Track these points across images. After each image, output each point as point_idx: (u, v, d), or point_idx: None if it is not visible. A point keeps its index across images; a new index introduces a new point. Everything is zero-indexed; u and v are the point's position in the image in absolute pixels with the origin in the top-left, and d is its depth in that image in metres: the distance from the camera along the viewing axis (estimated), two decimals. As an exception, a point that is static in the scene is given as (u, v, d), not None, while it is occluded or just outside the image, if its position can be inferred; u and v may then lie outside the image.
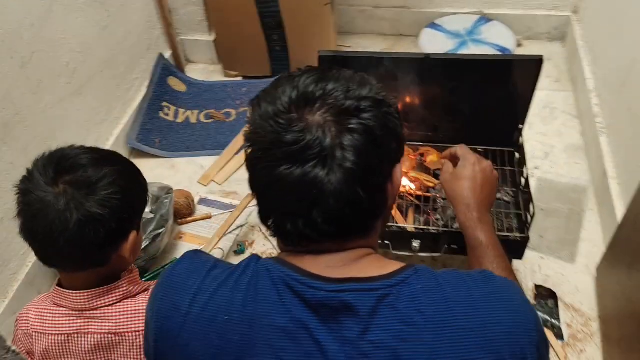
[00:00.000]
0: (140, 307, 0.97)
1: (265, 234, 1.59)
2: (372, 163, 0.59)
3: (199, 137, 1.92)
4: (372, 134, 0.59)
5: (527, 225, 1.20)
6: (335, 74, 0.63)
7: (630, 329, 1.16)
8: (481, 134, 1.39)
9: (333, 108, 0.59)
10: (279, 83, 0.63)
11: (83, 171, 0.87)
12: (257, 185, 0.63)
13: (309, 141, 0.57)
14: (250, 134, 0.63)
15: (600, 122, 1.68)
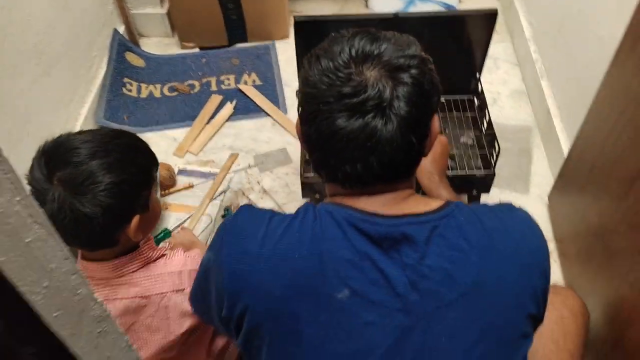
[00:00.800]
0: (161, 271, 1.03)
1: (249, 198, 1.68)
2: (421, 112, 0.68)
3: (166, 111, 1.94)
4: (421, 87, 0.68)
5: (494, 162, 1.35)
6: (386, 35, 0.71)
7: (583, 243, 1.35)
8: (443, 84, 1.52)
9: (388, 64, 0.67)
10: (335, 41, 0.70)
11: (74, 167, 0.87)
12: (316, 137, 0.69)
13: (369, 94, 0.65)
14: (308, 87, 0.69)
15: (540, 67, 1.86)
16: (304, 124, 0.72)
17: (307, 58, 0.72)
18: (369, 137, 0.65)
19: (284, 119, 1.89)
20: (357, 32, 0.70)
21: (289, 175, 1.74)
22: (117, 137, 0.95)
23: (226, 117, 1.91)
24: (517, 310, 0.71)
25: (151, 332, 1.03)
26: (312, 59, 0.70)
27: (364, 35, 0.69)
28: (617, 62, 1.12)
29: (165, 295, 1.02)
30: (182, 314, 1.03)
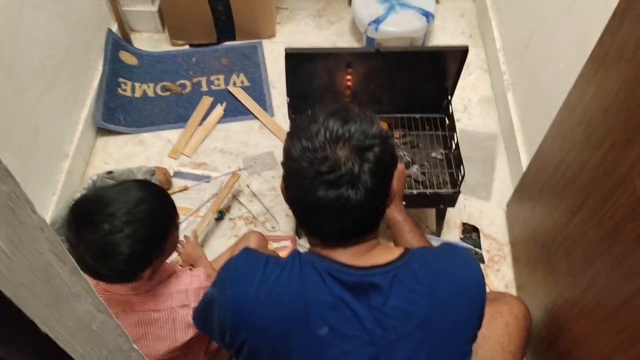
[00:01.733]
0: (171, 290, 1.20)
1: (240, 201, 1.84)
2: (382, 182, 0.86)
3: (160, 111, 2.06)
4: (382, 161, 0.85)
5: (459, 182, 1.54)
6: (354, 116, 0.86)
7: (532, 251, 1.56)
8: (418, 103, 1.69)
9: (356, 145, 0.83)
10: (313, 121, 0.86)
11: (98, 238, 0.98)
12: (300, 204, 0.88)
13: (342, 171, 0.81)
14: (291, 162, 0.85)
15: (507, 80, 2.03)
16: (288, 190, 0.89)
17: (289, 135, 0.89)
18: (343, 205, 0.82)
19: (271, 122, 2.04)
20: (330, 114, 0.85)
21: (275, 178, 1.90)
22: (143, 202, 1.04)
23: (217, 119, 2.04)
24: (459, 336, 0.92)
25: (160, 341, 1.21)
26: (294, 138, 0.85)
27: (336, 118, 0.84)
28: (577, 87, 1.28)
29: (173, 309, 1.19)
30: (187, 325, 1.22)
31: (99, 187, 1.08)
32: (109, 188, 1.05)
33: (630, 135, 1.01)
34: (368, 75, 1.59)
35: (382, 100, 1.69)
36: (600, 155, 1.13)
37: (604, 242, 1.10)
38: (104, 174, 1.72)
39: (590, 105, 1.20)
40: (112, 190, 1.04)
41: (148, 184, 1.12)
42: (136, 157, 1.95)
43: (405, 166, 1.66)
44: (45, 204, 1.64)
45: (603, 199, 1.11)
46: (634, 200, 0.99)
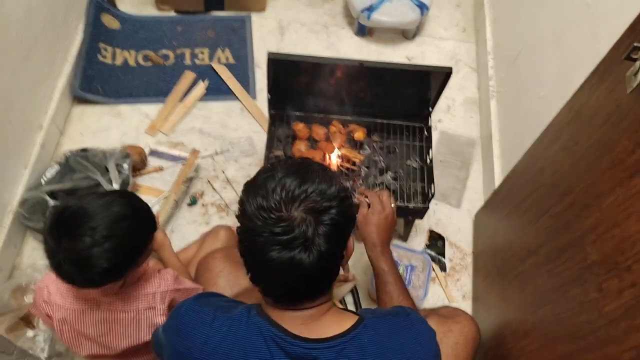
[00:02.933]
0: (139, 292, 1.23)
1: (214, 187, 1.85)
2: (337, 245, 0.84)
3: (140, 83, 2.02)
4: (338, 224, 0.82)
5: (429, 199, 1.56)
6: (312, 175, 0.83)
7: (492, 269, 1.62)
8: (399, 110, 1.69)
9: (312, 207, 0.81)
10: (270, 179, 0.83)
11: (81, 247, 0.99)
12: (252, 262, 0.85)
13: (296, 233, 0.79)
14: (245, 219, 0.83)
15: (493, 86, 2.02)
16: (242, 245, 0.85)
17: (246, 189, 0.85)
18: (296, 266, 0.80)
19: (253, 106, 2.01)
20: (288, 172, 0.83)
21: (251, 166, 1.90)
22: (124, 219, 1.05)
23: (198, 97, 2.01)
24: None
25: (124, 338, 1.25)
26: (250, 194, 0.83)
27: (294, 176, 0.82)
28: (551, 128, 1.29)
29: (139, 311, 1.23)
30: (151, 325, 1.26)
31: (83, 197, 1.06)
32: (93, 199, 1.04)
33: (590, 202, 1.04)
34: (351, 80, 1.57)
35: (364, 103, 1.67)
36: (562, 207, 1.16)
37: (552, 294, 1.15)
38: (78, 151, 1.70)
39: (561, 153, 1.22)
40: (96, 203, 1.03)
41: (131, 199, 1.12)
42: (112, 131, 1.93)
43: (380, 172, 1.68)
44: (16, 178, 1.63)
45: (558, 251, 1.15)
46: (583, 267, 1.03)
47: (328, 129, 1.67)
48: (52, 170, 1.67)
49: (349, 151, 1.64)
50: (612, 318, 0.92)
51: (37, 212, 1.55)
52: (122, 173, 1.63)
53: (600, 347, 0.95)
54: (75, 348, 1.29)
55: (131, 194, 1.14)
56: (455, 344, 1.35)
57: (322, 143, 1.64)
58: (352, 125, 1.68)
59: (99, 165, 1.62)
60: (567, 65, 1.42)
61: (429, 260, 1.71)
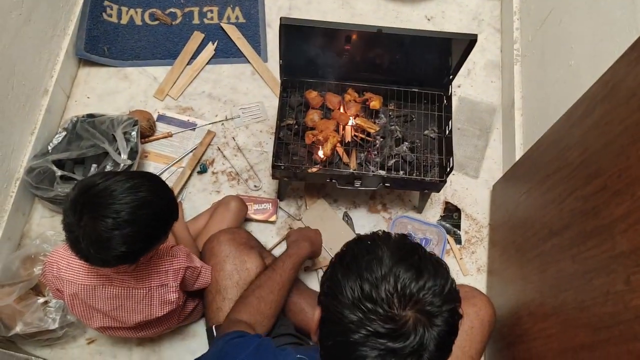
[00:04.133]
0: (152, 270, 1.21)
1: (224, 154, 1.80)
2: (448, 352, 0.70)
3: (147, 44, 1.94)
4: (451, 326, 0.69)
5: (447, 173, 1.50)
6: (425, 265, 0.70)
7: (510, 239, 1.56)
8: (417, 76, 1.60)
9: (427, 309, 0.67)
10: (375, 261, 0.68)
11: (103, 228, 0.97)
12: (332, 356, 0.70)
13: (410, 341, 0.64)
14: (337, 307, 0.67)
15: (517, 50, 1.91)
16: (324, 338, 0.71)
17: (339, 266, 0.71)
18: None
19: (264, 69, 1.93)
20: (399, 259, 0.69)
21: (263, 133, 1.84)
22: (149, 206, 1.02)
23: (207, 59, 1.93)
24: None
25: (135, 313, 1.25)
26: (350, 275, 0.68)
27: (407, 266, 0.68)
28: (583, 102, 1.20)
29: (152, 288, 1.22)
30: (163, 302, 1.25)
31: (110, 175, 1.02)
32: (120, 181, 1.00)
33: (622, 188, 0.97)
34: (367, 47, 1.48)
35: (381, 70, 1.59)
36: (591, 189, 1.10)
37: (575, 280, 1.10)
38: (84, 117, 1.65)
39: (592, 131, 1.14)
40: (123, 186, 1.00)
41: (158, 185, 1.07)
42: (120, 94, 1.86)
43: (396, 143, 1.61)
44: (22, 145, 1.59)
45: (584, 236, 1.09)
46: (610, 256, 0.98)
47: (342, 97, 1.60)
48: (59, 137, 1.62)
49: (364, 121, 1.57)
50: (638, 314, 0.88)
51: (44, 181, 1.52)
52: (131, 141, 1.59)
53: (624, 341, 0.91)
54: (86, 321, 1.29)
55: (158, 180, 1.10)
56: (470, 328, 1.32)
57: (336, 112, 1.57)
58: (368, 94, 1.61)
59: (107, 132, 1.57)
60: (602, 32, 1.32)
61: (444, 233, 1.67)
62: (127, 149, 1.55)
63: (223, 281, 1.29)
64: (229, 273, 1.30)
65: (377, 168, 1.57)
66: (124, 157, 1.52)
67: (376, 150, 1.60)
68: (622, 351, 0.91)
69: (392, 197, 1.78)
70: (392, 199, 1.78)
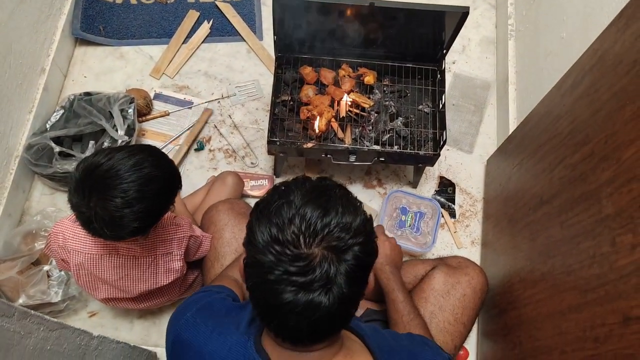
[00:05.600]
0: (157, 239, 1.24)
1: (221, 132, 1.81)
2: (360, 284, 0.73)
3: (142, 23, 1.95)
4: (362, 263, 0.72)
5: (440, 146, 1.52)
6: (333, 203, 0.72)
7: (502, 216, 1.60)
8: (411, 51, 1.61)
9: (334, 245, 0.69)
10: (284, 204, 0.71)
11: (113, 207, 0.99)
12: (260, 301, 0.74)
13: (316, 275, 0.68)
14: (254, 250, 0.71)
15: (512, 25, 1.92)
16: (249, 279, 0.74)
17: (255, 212, 0.74)
18: (313, 310, 0.69)
19: (259, 47, 1.94)
20: (308, 199, 0.72)
21: (259, 110, 1.86)
22: (155, 181, 1.04)
23: (202, 38, 1.94)
24: None
25: (141, 282, 1.28)
26: (262, 220, 0.72)
27: (315, 205, 0.71)
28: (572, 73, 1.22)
29: (157, 256, 1.25)
30: (167, 271, 1.28)
31: (112, 154, 1.03)
32: (123, 159, 1.02)
33: (608, 153, 1.00)
34: (361, 21, 1.49)
35: (374, 45, 1.60)
36: (579, 157, 1.12)
37: (563, 245, 1.13)
38: (81, 95, 1.66)
39: (581, 100, 1.16)
40: (127, 164, 1.02)
41: (160, 159, 1.10)
42: (116, 73, 1.88)
43: (390, 118, 1.63)
44: (21, 123, 1.61)
45: (572, 202, 1.12)
46: (597, 220, 1.00)
47: (337, 73, 1.61)
48: (56, 115, 1.64)
49: (359, 96, 1.58)
50: (623, 273, 0.91)
51: (43, 158, 1.54)
52: (127, 118, 1.60)
53: (609, 301, 0.94)
54: (91, 291, 1.32)
55: (159, 152, 1.12)
56: (463, 296, 1.35)
57: (330, 87, 1.59)
58: (362, 69, 1.62)
59: (104, 110, 1.59)
60: (593, 3, 1.33)
61: (438, 206, 1.69)
62: (124, 126, 1.57)
63: (221, 248, 1.32)
64: (228, 241, 1.33)
65: (372, 143, 1.59)
66: (121, 134, 1.54)
67: (371, 126, 1.61)
68: (607, 310, 0.94)
69: (387, 172, 1.81)
70: (387, 174, 1.80)
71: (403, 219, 1.66)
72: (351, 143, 1.58)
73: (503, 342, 1.40)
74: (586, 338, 1.00)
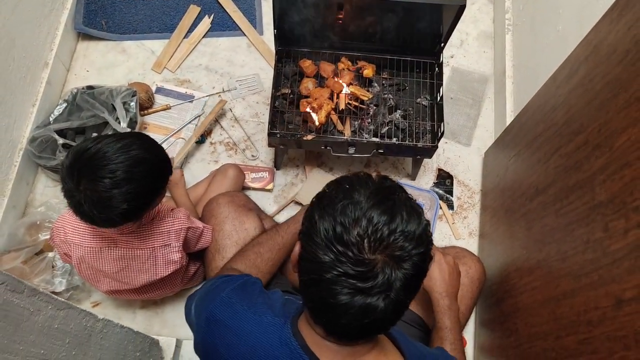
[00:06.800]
0: (155, 231, 1.26)
1: (222, 125, 1.84)
2: (415, 291, 0.73)
3: (144, 17, 1.97)
4: (420, 270, 0.72)
5: (438, 138, 1.54)
6: (399, 209, 0.71)
7: (499, 202, 1.61)
8: (409, 45, 1.63)
9: (397, 254, 0.69)
10: (350, 205, 0.70)
11: (102, 189, 1.01)
12: (313, 297, 0.73)
13: (378, 281, 0.67)
14: (312, 246, 0.70)
15: (509, 19, 1.94)
16: (302, 273, 0.74)
17: (318, 202, 0.74)
18: (368, 313, 0.69)
19: (259, 41, 1.96)
20: (374, 202, 0.70)
21: (259, 104, 1.88)
22: (143, 163, 1.06)
23: (203, 33, 1.96)
24: None
25: (141, 274, 1.30)
26: (325, 213, 0.71)
27: (382, 210, 0.70)
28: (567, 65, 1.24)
29: (155, 248, 1.26)
30: (167, 262, 1.30)
31: (100, 139, 1.06)
32: (111, 142, 1.05)
33: (602, 141, 1.02)
34: (360, 15, 1.52)
35: (373, 38, 1.62)
36: (574, 146, 1.14)
37: (558, 233, 1.15)
38: (84, 88, 1.69)
39: (576, 90, 1.18)
40: (115, 147, 1.04)
41: (148, 142, 1.12)
42: (118, 67, 1.90)
43: (389, 111, 1.65)
44: (24, 116, 1.63)
45: (566, 191, 1.14)
46: (590, 206, 1.02)
47: (336, 66, 1.63)
48: (59, 108, 1.66)
49: (358, 89, 1.60)
50: (616, 257, 0.93)
51: (46, 150, 1.56)
52: (130, 111, 1.62)
53: (602, 285, 0.96)
54: (93, 283, 1.34)
55: (148, 138, 1.13)
56: (461, 286, 1.37)
57: (329, 80, 1.61)
58: (361, 62, 1.64)
59: (106, 103, 1.61)
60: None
61: (436, 198, 1.71)
62: (126, 119, 1.59)
63: (222, 241, 1.34)
64: (228, 233, 1.34)
65: (371, 135, 1.61)
66: (124, 126, 1.56)
67: (370, 118, 1.63)
68: (601, 294, 0.96)
69: (386, 165, 1.83)
70: (386, 167, 1.83)
71: (402, 210, 1.68)
72: (350, 135, 1.60)
73: (500, 330, 1.42)
74: (580, 322, 1.02)
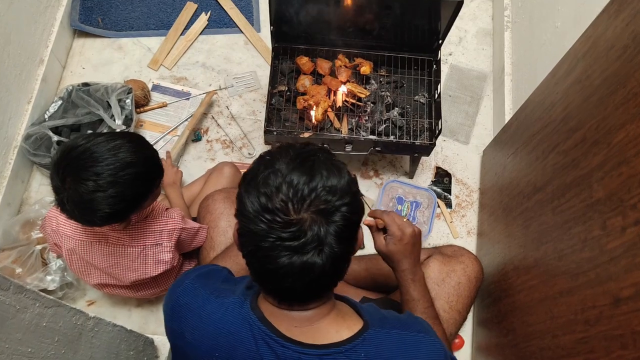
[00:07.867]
0: (147, 229, 1.24)
1: (218, 123, 1.83)
2: (349, 242, 0.77)
3: (140, 14, 1.96)
4: (350, 222, 0.74)
5: (436, 136, 1.53)
6: (318, 168, 0.74)
7: (497, 200, 1.60)
8: (407, 44, 1.62)
9: (322, 208, 0.72)
10: (270, 175, 0.73)
11: (85, 190, 0.99)
12: (256, 267, 0.76)
13: (308, 238, 0.71)
14: (246, 221, 0.73)
15: (508, 16, 1.93)
16: (243, 247, 0.77)
17: (243, 185, 0.76)
18: (308, 271, 0.72)
19: (256, 39, 1.95)
20: (294, 166, 0.74)
21: (256, 102, 1.87)
22: (130, 166, 1.03)
23: (200, 30, 1.95)
24: None
25: (130, 271, 1.29)
26: (250, 189, 0.73)
27: (300, 172, 0.73)
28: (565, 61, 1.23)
29: (146, 246, 1.25)
30: (157, 262, 1.28)
31: (92, 137, 1.03)
32: (101, 143, 1.02)
33: (599, 138, 1.01)
34: (357, 12, 1.50)
35: (371, 35, 1.61)
36: (571, 143, 1.13)
37: (555, 231, 1.14)
38: (80, 85, 1.68)
39: (574, 87, 1.17)
40: (104, 148, 1.02)
41: (139, 145, 1.09)
42: (114, 65, 1.89)
43: (387, 108, 1.64)
44: (20, 113, 1.62)
45: (564, 188, 1.13)
46: (588, 204, 1.01)
47: (333, 63, 1.62)
48: (55, 106, 1.65)
49: (355, 86, 1.59)
50: (613, 255, 0.92)
51: (41, 148, 1.55)
52: (125, 109, 1.61)
53: (599, 283, 0.95)
54: (84, 277, 1.32)
55: (140, 139, 1.11)
56: (457, 284, 1.35)
57: (326, 78, 1.60)
58: (359, 59, 1.63)
59: (101, 100, 1.60)
60: (585, -7, 1.34)
61: (434, 196, 1.70)
62: (121, 116, 1.58)
63: (217, 237, 1.33)
64: (223, 230, 1.33)
65: (368, 133, 1.60)
66: (119, 123, 1.55)
67: (367, 116, 1.62)
68: (598, 292, 0.95)
69: (383, 163, 1.82)
70: (383, 165, 1.81)
71: (399, 208, 1.67)
72: (347, 133, 1.58)
73: (497, 329, 1.41)
74: (577, 321, 1.01)
